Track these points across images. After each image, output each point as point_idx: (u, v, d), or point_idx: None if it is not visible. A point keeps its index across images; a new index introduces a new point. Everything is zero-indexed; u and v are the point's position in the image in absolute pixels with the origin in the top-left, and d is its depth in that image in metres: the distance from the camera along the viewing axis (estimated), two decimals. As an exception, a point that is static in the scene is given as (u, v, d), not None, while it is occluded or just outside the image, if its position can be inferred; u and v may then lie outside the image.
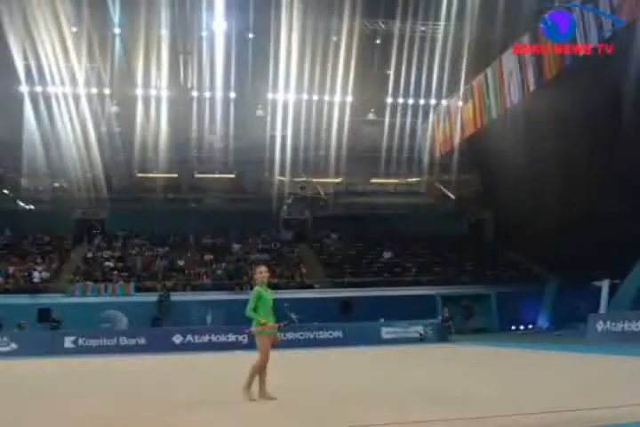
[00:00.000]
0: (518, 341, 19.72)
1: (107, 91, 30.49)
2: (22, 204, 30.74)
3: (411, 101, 32.48)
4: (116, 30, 28.11)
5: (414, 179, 35.17)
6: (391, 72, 30.26)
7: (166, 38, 27.88)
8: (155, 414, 6.35)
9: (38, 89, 29.14)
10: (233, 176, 33.56)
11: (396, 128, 33.09)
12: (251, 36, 29.02)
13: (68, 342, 19.22)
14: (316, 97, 31.26)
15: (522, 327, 25.43)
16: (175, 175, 32.93)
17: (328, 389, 8.06)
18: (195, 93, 31.24)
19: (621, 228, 21.36)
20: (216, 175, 33.32)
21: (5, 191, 31.29)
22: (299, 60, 28.34)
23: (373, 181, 34.91)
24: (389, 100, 32.42)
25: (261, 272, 7.04)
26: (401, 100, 32.37)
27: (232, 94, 30.95)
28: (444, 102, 31.62)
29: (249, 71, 30.08)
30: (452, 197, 34.96)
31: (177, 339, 19.80)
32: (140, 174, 32.46)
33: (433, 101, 32.19)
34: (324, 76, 29.66)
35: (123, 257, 28.36)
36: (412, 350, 17.67)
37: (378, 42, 30.25)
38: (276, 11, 26.88)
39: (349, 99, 31.73)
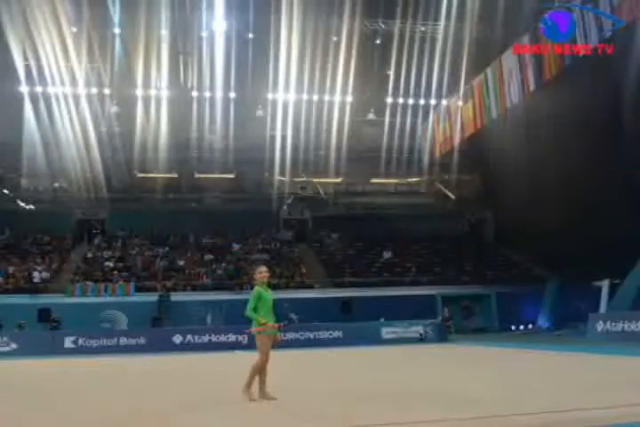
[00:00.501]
0: (518, 341, 19.72)
1: (107, 91, 30.50)
2: (22, 204, 30.70)
3: (411, 101, 32.50)
4: (116, 30, 28.14)
5: (414, 179, 35.16)
6: (391, 72, 30.31)
7: (166, 38, 27.92)
8: (155, 414, 6.35)
9: (38, 89, 29.15)
10: (233, 176, 33.54)
11: (396, 128, 33.10)
12: (251, 36, 29.04)
13: (68, 342, 19.22)
14: (315, 97, 31.28)
15: (522, 327, 25.38)
16: (175, 175, 32.92)
17: (328, 389, 8.06)
18: (195, 93, 31.24)
19: (621, 228, 21.35)
20: (216, 175, 33.30)
21: (5, 191, 31.26)
22: (299, 60, 28.36)
23: (373, 181, 34.87)
24: (389, 100, 32.44)
25: (262, 272, 7.04)
26: (401, 100, 32.38)
27: (232, 94, 30.94)
28: (444, 102, 31.65)
29: (249, 71, 30.09)
30: (452, 197, 34.95)
31: (177, 339, 19.82)
32: (140, 174, 32.44)
33: (433, 101, 32.22)
34: (323, 76, 29.68)
35: (123, 257, 28.35)
36: (412, 350, 17.67)
37: (378, 42, 30.30)
38: (276, 11, 26.91)
39: (349, 99, 31.74)
